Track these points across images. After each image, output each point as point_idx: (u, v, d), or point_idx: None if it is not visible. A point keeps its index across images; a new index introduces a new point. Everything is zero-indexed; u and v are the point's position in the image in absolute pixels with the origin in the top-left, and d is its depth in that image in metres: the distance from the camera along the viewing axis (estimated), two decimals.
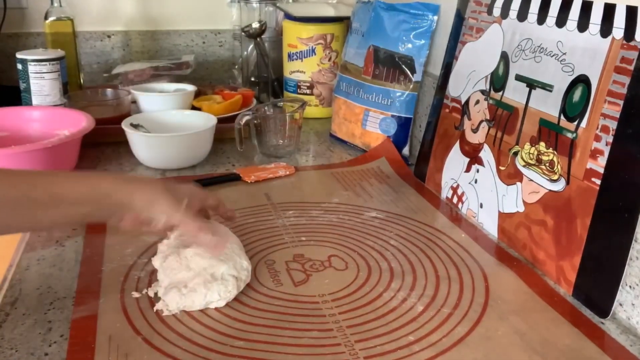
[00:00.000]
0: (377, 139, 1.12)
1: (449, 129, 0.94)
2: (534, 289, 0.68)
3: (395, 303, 0.65)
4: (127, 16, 1.59)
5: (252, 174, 0.99)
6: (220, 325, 0.61)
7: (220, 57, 1.67)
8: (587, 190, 0.66)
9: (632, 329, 0.63)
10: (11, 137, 1.02)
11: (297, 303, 0.65)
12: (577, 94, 0.69)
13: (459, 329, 0.61)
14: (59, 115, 1.08)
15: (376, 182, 0.99)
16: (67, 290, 0.66)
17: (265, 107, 1.15)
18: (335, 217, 0.86)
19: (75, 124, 1.00)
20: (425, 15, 1.05)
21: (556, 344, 0.59)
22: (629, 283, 0.63)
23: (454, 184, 0.92)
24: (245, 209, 0.87)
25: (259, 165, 1.04)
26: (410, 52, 1.07)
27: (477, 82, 0.88)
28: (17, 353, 0.56)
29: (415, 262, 0.74)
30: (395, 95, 1.09)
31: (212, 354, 0.56)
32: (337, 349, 0.57)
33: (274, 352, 0.57)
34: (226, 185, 0.96)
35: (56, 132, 1.02)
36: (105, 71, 1.52)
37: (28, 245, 0.76)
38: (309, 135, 1.26)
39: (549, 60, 0.74)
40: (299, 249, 0.76)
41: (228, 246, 0.67)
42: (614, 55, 0.64)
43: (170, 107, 1.18)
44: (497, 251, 0.78)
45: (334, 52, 1.32)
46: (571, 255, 0.68)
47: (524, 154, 0.77)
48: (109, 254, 0.73)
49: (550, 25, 0.74)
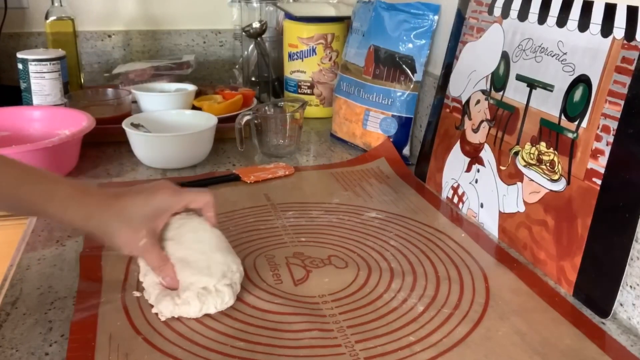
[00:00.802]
0: (378, 138, 1.12)
1: (449, 128, 0.94)
2: (534, 289, 0.68)
3: (395, 303, 0.65)
4: (127, 16, 1.59)
5: (252, 174, 0.99)
6: (221, 325, 0.61)
7: (220, 57, 1.67)
8: (588, 190, 0.66)
9: (632, 329, 0.62)
10: (12, 136, 1.03)
11: (297, 302, 0.64)
12: (578, 93, 0.69)
13: (459, 329, 0.61)
14: (60, 115, 1.08)
15: (376, 182, 0.99)
16: (68, 290, 0.66)
17: (265, 107, 1.15)
18: (335, 218, 0.86)
19: (76, 124, 1.00)
20: (426, 15, 1.05)
21: (557, 344, 0.59)
22: (630, 283, 0.63)
23: (454, 184, 0.92)
24: (245, 210, 0.87)
25: (259, 166, 1.04)
26: (410, 52, 1.07)
27: (478, 82, 0.88)
28: (17, 353, 0.56)
29: (416, 262, 0.74)
30: (395, 95, 1.09)
31: (212, 354, 0.56)
32: (337, 349, 0.57)
33: (274, 354, 0.57)
34: (225, 185, 0.96)
35: (57, 131, 1.03)
36: (106, 71, 1.53)
37: (29, 245, 0.76)
38: (309, 135, 1.26)
39: (550, 60, 0.74)
40: (299, 250, 0.76)
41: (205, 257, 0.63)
42: (614, 55, 0.64)
43: (170, 107, 1.18)
44: (498, 251, 0.78)
45: (335, 52, 1.32)
46: (572, 256, 0.68)
47: (524, 154, 0.77)
48: (109, 253, 0.73)
49: (550, 25, 0.74)
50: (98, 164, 1.04)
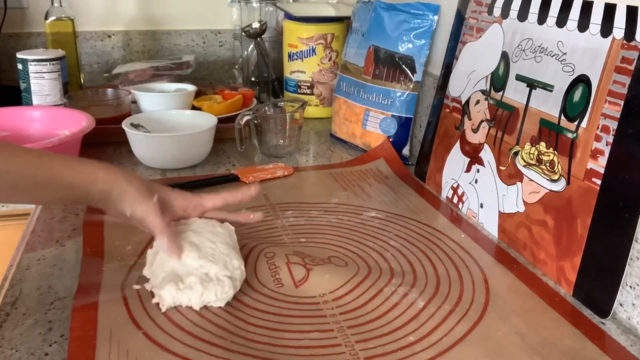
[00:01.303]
0: (378, 138, 1.12)
1: (449, 129, 0.94)
2: (534, 289, 0.68)
3: (396, 298, 0.65)
4: (127, 16, 1.59)
5: (250, 174, 0.99)
6: (221, 320, 0.61)
7: (220, 57, 1.67)
8: (588, 190, 0.66)
9: (632, 329, 0.62)
10: (12, 136, 1.02)
11: (297, 304, 0.64)
12: (578, 94, 0.69)
13: (459, 329, 0.61)
14: (60, 115, 1.08)
15: (375, 182, 0.99)
16: (68, 290, 0.66)
17: (265, 107, 1.15)
18: (335, 218, 0.86)
19: (76, 124, 1.00)
20: (426, 15, 1.05)
21: (556, 344, 0.59)
22: (630, 283, 0.63)
23: (454, 184, 0.92)
24: (244, 210, 0.87)
25: (257, 166, 1.04)
26: (410, 52, 1.07)
27: (478, 82, 0.88)
28: (17, 353, 0.56)
29: (415, 262, 0.74)
30: (395, 95, 1.09)
31: (213, 348, 0.56)
32: (337, 349, 0.57)
33: (275, 353, 0.57)
34: (224, 186, 0.96)
35: (57, 131, 1.03)
36: (105, 71, 1.53)
37: (28, 245, 0.76)
38: (309, 135, 1.26)
39: (550, 60, 0.74)
40: (299, 249, 0.76)
41: (214, 247, 0.66)
42: (614, 55, 0.64)
43: (170, 107, 1.18)
44: (498, 251, 0.78)
45: (334, 52, 1.32)
46: (571, 256, 0.68)
47: (524, 154, 0.77)
48: (109, 253, 0.73)
49: (550, 25, 0.74)
50: None
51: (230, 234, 0.71)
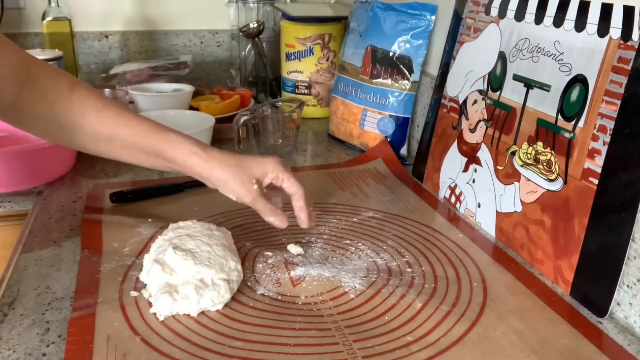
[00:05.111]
0: (375, 138, 1.12)
1: (446, 128, 0.94)
2: (531, 289, 0.68)
3: (394, 299, 0.65)
4: (124, 16, 1.59)
5: None
6: (219, 325, 0.61)
7: (218, 57, 1.67)
8: (585, 190, 0.66)
9: (629, 328, 0.63)
10: (10, 137, 1.02)
11: (295, 304, 0.64)
12: (575, 93, 0.69)
13: (457, 329, 0.61)
14: None
15: (373, 182, 0.99)
16: (65, 291, 0.66)
17: (263, 107, 1.15)
18: (333, 218, 0.86)
19: None
20: (423, 15, 1.05)
21: (554, 344, 0.59)
22: (627, 282, 0.63)
23: (451, 184, 0.92)
24: (240, 210, 0.87)
25: None
26: (408, 52, 1.07)
27: (475, 82, 0.88)
28: (14, 354, 0.56)
29: (413, 262, 0.74)
30: (393, 95, 1.09)
31: (210, 354, 0.56)
32: (335, 347, 0.57)
33: (273, 352, 0.57)
34: None
35: None
36: (103, 71, 1.52)
37: (26, 245, 0.76)
38: (307, 135, 1.26)
39: (547, 60, 0.74)
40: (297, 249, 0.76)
41: (210, 250, 0.66)
42: (611, 54, 0.65)
43: (168, 107, 1.18)
44: (495, 251, 0.78)
45: (332, 52, 1.32)
46: (569, 255, 0.68)
47: (521, 154, 0.77)
48: (107, 254, 0.73)
49: (547, 25, 0.74)
50: (95, 164, 1.04)
51: (226, 235, 0.71)
